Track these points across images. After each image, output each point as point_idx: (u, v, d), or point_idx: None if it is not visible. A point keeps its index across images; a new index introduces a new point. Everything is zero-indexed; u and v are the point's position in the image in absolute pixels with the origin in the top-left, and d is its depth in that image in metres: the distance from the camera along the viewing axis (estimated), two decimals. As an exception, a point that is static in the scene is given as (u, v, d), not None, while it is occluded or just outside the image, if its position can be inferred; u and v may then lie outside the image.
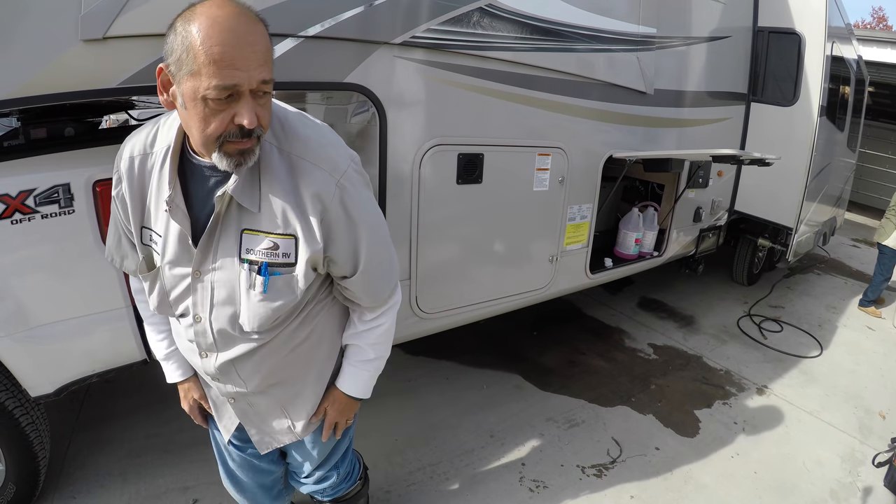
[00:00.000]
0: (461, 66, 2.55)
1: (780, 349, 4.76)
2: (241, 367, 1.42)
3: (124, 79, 1.80)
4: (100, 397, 3.25)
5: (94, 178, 2.01)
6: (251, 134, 1.10)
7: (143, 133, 1.31)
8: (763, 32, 4.77)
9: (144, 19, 1.77)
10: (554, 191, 3.11)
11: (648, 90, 3.46)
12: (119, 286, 2.13)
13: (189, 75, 1.03)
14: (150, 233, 1.34)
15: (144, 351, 2.26)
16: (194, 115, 1.08)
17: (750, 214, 5.19)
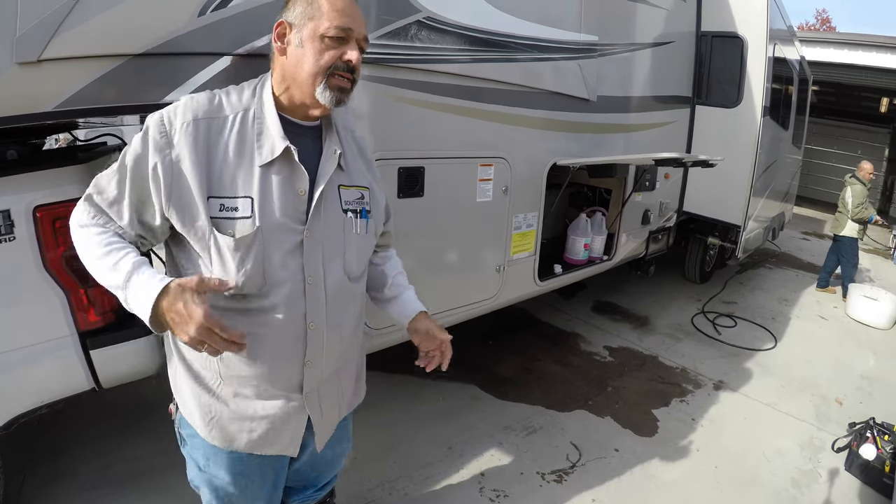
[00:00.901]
0: (400, 79, 2.51)
1: (735, 344, 4.87)
2: (343, 324, 1.50)
3: (61, 101, 1.75)
4: (52, 429, 3.09)
5: (34, 203, 1.95)
6: (352, 72, 1.32)
7: (202, 98, 1.31)
8: (706, 37, 4.87)
9: (80, 41, 1.73)
10: (498, 201, 3.09)
11: (591, 97, 3.47)
12: (63, 314, 2.06)
13: (312, 19, 1.29)
14: (223, 201, 1.25)
15: (93, 379, 2.18)
16: (311, 50, 1.29)
17: (698, 214, 5.29)
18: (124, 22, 1.82)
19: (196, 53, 1.99)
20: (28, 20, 1.67)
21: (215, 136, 1.27)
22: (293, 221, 1.32)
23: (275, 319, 1.34)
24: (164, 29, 1.89)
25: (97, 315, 2.13)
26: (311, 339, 1.40)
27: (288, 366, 1.41)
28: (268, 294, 1.32)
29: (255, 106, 1.33)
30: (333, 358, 1.50)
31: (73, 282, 2.06)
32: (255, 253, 1.27)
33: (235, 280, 1.27)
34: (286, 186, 1.31)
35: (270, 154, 1.28)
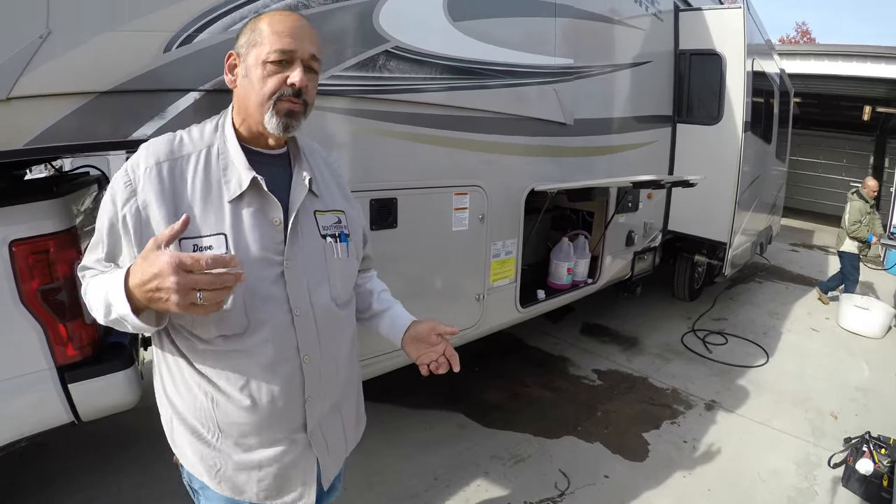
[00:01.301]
0: (370, 110, 2.49)
1: (726, 361, 4.84)
2: (338, 354, 1.47)
3: (32, 138, 1.79)
4: (39, 461, 3.08)
5: (10, 237, 1.97)
6: (300, 95, 1.27)
7: (162, 142, 1.29)
8: (685, 55, 4.90)
9: (48, 79, 1.78)
10: (475, 229, 3.06)
11: (568, 121, 3.45)
12: (40, 348, 2.07)
13: (255, 46, 1.27)
14: (195, 241, 1.22)
15: (72, 413, 2.18)
16: (255, 78, 1.27)
17: (684, 233, 5.28)
18: (92, 60, 1.86)
19: (163, 90, 2.01)
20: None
21: (179, 176, 1.25)
22: (271, 253, 1.29)
23: (266, 358, 1.30)
24: (130, 66, 1.92)
25: (75, 349, 2.13)
26: (308, 373, 1.35)
27: (288, 405, 1.35)
28: (254, 332, 1.28)
29: (219, 141, 1.32)
30: (333, 390, 1.47)
31: (50, 316, 2.07)
32: (234, 290, 1.20)
33: (216, 321, 1.23)
34: (259, 218, 1.28)
35: (238, 187, 1.26)
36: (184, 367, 1.33)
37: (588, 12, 3.61)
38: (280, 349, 1.31)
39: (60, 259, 2.08)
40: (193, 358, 1.31)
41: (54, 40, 1.80)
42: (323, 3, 2.30)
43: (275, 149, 1.39)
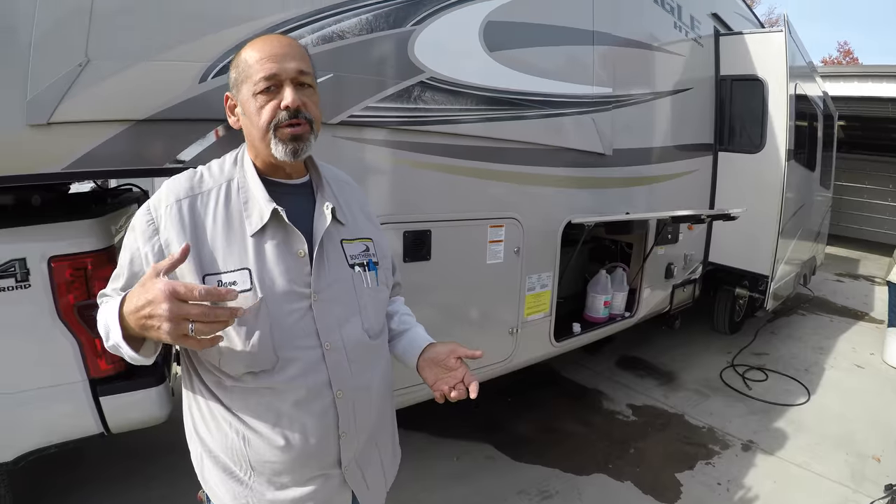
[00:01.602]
0: (405, 142, 2.48)
1: (765, 399, 4.64)
2: (372, 386, 1.42)
3: (70, 162, 1.89)
4: (66, 468, 3.14)
5: (49, 253, 2.08)
6: (298, 115, 1.24)
7: (182, 179, 1.30)
8: (726, 81, 4.82)
9: (87, 106, 1.86)
10: (509, 262, 3.01)
11: (607, 151, 3.39)
12: (75, 360, 2.17)
13: (244, 82, 1.25)
14: (220, 277, 1.21)
15: (101, 424, 2.26)
16: (251, 113, 1.25)
17: (725, 265, 5.14)
18: (129, 88, 1.93)
19: (198, 119, 2.05)
20: (38, 84, 1.80)
21: (200, 212, 1.25)
22: (299, 286, 1.26)
23: (297, 395, 1.26)
24: (167, 95, 1.98)
25: (108, 364, 2.22)
26: (341, 407, 1.31)
27: (321, 441, 1.31)
28: (284, 368, 1.25)
29: (238, 175, 1.31)
30: (368, 424, 1.42)
31: (86, 331, 2.16)
32: (260, 325, 1.21)
33: (244, 358, 1.21)
34: (283, 251, 1.26)
35: (260, 220, 1.24)
36: (213, 404, 1.30)
37: (627, 39, 3.57)
38: (311, 385, 1.27)
39: (98, 276, 2.17)
40: (222, 395, 1.29)
41: (93, 69, 1.88)
42: (358, 35, 2.31)
43: (295, 178, 1.38)
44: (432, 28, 2.49)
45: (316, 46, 2.20)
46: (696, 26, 4.44)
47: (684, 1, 4.22)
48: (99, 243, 2.20)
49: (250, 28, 2.10)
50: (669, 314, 4.91)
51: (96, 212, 2.30)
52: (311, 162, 1.43)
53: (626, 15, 3.56)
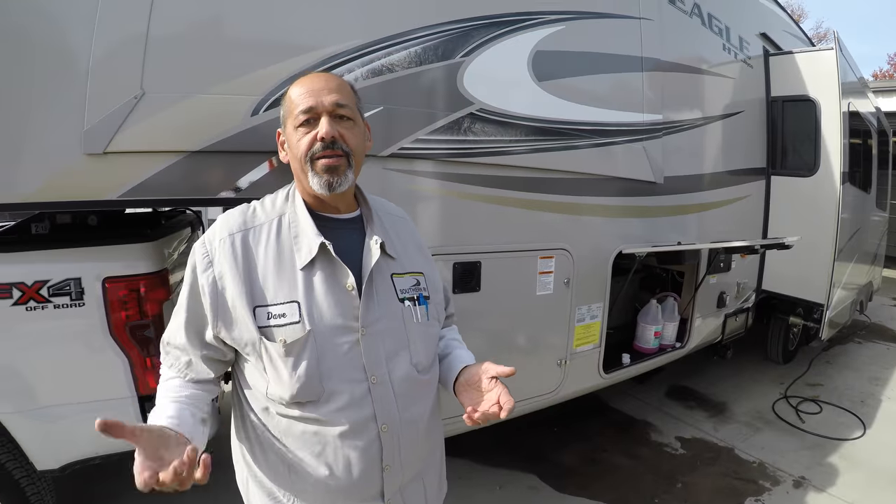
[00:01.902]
0: (454, 174, 2.50)
1: (819, 433, 4.44)
2: (419, 421, 1.41)
3: (124, 191, 1.99)
4: (110, 475, 3.14)
5: (104, 274, 2.19)
6: (333, 145, 1.28)
7: (236, 213, 1.37)
8: (777, 102, 4.71)
9: (142, 137, 1.96)
10: (559, 293, 2.98)
11: (658, 179, 3.34)
12: (124, 377, 2.29)
13: (288, 117, 1.34)
14: (270, 309, 1.26)
15: None
16: (292, 146, 1.32)
17: (779, 293, 5.00)
18: (183, 120, 2.02)
19: (250, 152, 2.11)
20: (95, 115, 1.90)
21: (253, 246, 1.31)
22: (347, 319, 1.29)
23: (342, 427, 1.28)
24: (219, 128, 2.06)
25: (157, 382, 2.19)
26: (386, 441, 1.32)
27: (364, 474, 1.32)
28: (329, 400, 1.27)
29: (290, 210, 1.36)
30: (415, 459, 1.43)
31: (136, 349, 2.28)
32: (308, 357, 1.24)
33: (290, 388, 1.25)
34: (332, 284, 1.28)
35: (309, 254, 1.29)
36: (260, 429, 1.34)
37: (675, 64, 3.54)
38: (356, 418, 1.29)
39: (150, 298, 2.29)
40: (269, 423, 1.32)
41: (148, 101, 1.97)
42: (407, 67, 2.33)
43: (345, 213, 1.41)
44: (481, 59, 2.51)
45: (366, 80, 2.24)
46: (745, 47, 4.37)
47: (732, 22, 4.16)
48: (152, 266, 2.31)
49: (300, 62, 2.15)
50: (721, 344, 4.78)
51: (151, 235, 2.40)
52: (361, 196, 1.47)
53: (674, 39, 3.52)
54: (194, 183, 2.10)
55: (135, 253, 2.30)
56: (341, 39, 2.22)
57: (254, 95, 2.10)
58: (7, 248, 2.22)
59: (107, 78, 1.94)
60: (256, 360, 1.29)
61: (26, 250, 2.21)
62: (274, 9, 2.15)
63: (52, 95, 1.92)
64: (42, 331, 2.18)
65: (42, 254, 2.20)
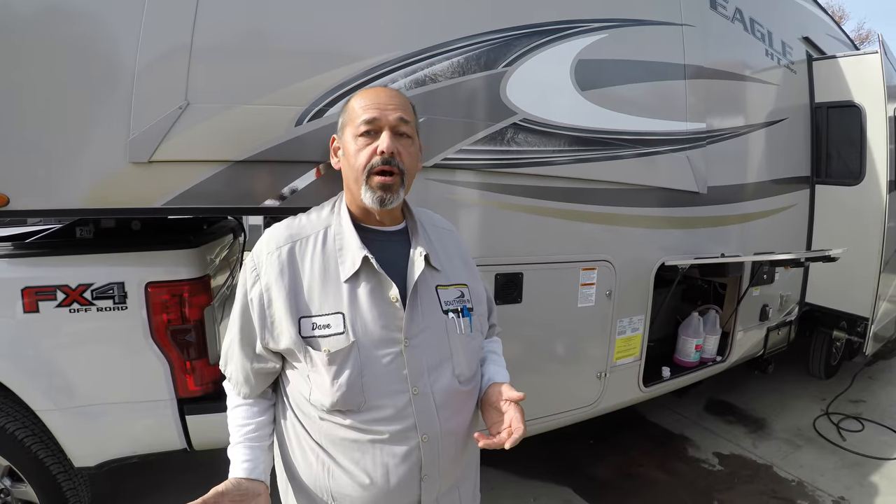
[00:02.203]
0: (497, 184, 2.51)
1: (860, 452, 4.34)
2: (459, 431, 1.43)
3: (168, 199, 2.06)
4: (142, 471, 3.29)
5: (147, 279, 2.28)
6: (391, 162, 1.31)
7: (282, 227, 1.41)
8: (821, 109, 4.63)
9: (187, 146, 2.02)
10: (601, 305, 2.97)
11: (702, 189, 3.31)
12: (165, 379, 2.37)
13: (347, 125, 1.37)
14: (314, 320, 1.30)
15: (185, 441, 2.46)
16: (349, 155, 1.35)
17: (822, 306, 4.90)
18: (227, 131, 2.07)
19: (294, 161, 2.15)
20: (140, 124, 1.96)
21: (299, 258, 1.34)
22: (391, 331, 1.31)
23: (382, 434, 1.31)
24: (263, 138, 2.10)
25: (197, 385, 2.42)
26: (426, 451, 1.33)
27: (403, 482, 1.34)
28: (371, 409, 1.30)
29: (335, 222, 1.40)
30: (453, 469, 1.45)
31: (177, 353, 2.36)
32: (350, 367, 1.27)
33: (332, 396, 1.28)
34: (377, 296, 1.31)
35: (352, 266, 1.32)
36: (302, 435, 1.38)
37: (718, 71, 3.50)
38: (397, 428, 1.31)
39: (192, 303, 2.36)
40: (311, 428, 1.36)
41: (192, 111, 2.01)
42: (450, 77, 2.35)
43: (389, 225, 1.44)
44: (524, 69, 2.53)
45: (410, 90, 2.27)
46: (788, 52, 4.30)
47: (774, 26, 4.10)
48: (195, 272, 2.39)
49: (344, 73, 2.19)
50: (763, 358, 4.71)
51: (194, 242, 2.46)
52: (406, 209, 1.50)
53: (717, 45, 3.49)
54: (239, 192, 2.15)
55: (178, 259, 2.37)
56: (385, 49, 2.25)
57: (298, 106, 2.14)
58: (52, 252, 2.32)
59: (152, 88, 2.00)
60: (301, 367, 1.33)
61: (71, 254, 2.29)
62: (318, 19, 2.19)
63: (98, 105, 1.99)
64: (84, 332, 2.26)
65: (86, 258, 2.29)
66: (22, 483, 2.47)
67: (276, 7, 2.13)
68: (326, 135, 2.09)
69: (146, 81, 1.99)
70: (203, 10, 2.02)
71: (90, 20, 1.99)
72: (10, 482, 2.49)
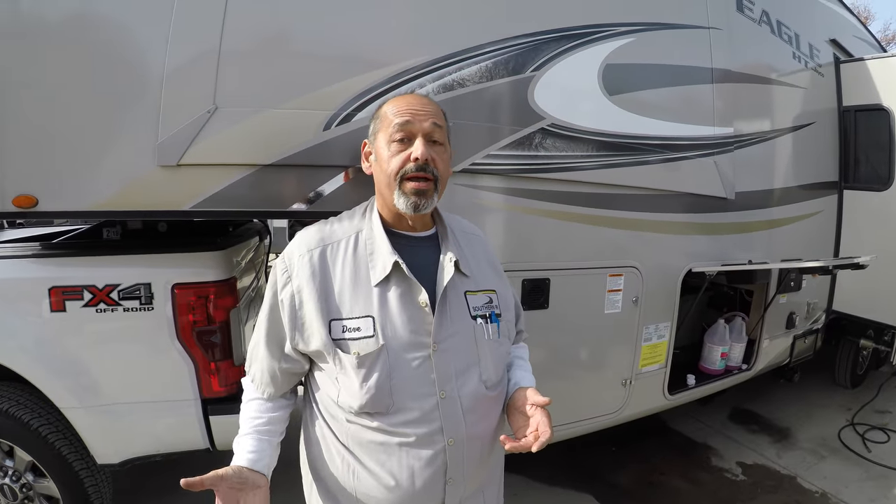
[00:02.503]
0: (526, 189, 2.54)
1: (886, 464, 4.29)
2: (485, 436, 1.44)
3: (197, 202, 2.10)
4: (165, 469, 3.28)
5: (173, 281, 2.32)
6: (425, 168, 1.33)
7: (313, 230, 1.44)
8: (849, 112, 4.59)
9: (215, 150, 2.06)
10: (627, 312, 2.97)
11: (729, 195, 3.30)
12: (189, 380, 2.41)
13: (380, 131, 1.40)
14: (345, 323, 1.33)
15: (208, 441, 2.50)
16: (382, 160, 1.37)
17: (849, 314, 4.86)
18: (255, 135, 2.10)
19: (322, 166, 2.18)
20: (168, 128, 1.99)
21: (330, 262, 1.37)
22: (420, 335, 1.33)
23: (408, 437, 1.32)
24: (292, 142, 2.13)
25: (221, 385, 2.46)
26: (451, 455, 1.35)
27: (428, 486, 1.36)
28: (398, 412, 1.32)
29: (366, 227, 1.42)
30: (478, 473, 1.46)
31: (202, 354, 2.40)
32: (379, 370, 1.29)
33: (360, 399, 1.30)
34: (406, 301, 1.33)
35: (383, 271, 1.34)
36: (329, 437, 1.40)
37: (745, 74, 3.49)
38: (424, 431, 1.33)
39: (218, 305, 2.40)
40: (338, 431, 1.38)
41: (221, 116, 2.03)
42: (478, 82, 2.36)
43: (420, 231, 1.46)
44: (551, 73, 2.54)
45: (437, 95, 2.29)
46: (816, 55, 4.27)
47: (802, 28, 4.08)
48: (221, 274, 2.43)
49: (373, 78, 2.21)
50: (789, 367, 4.67)
51: (220, 244, 2.51)
52: (437, 214, 1.52)
53: (744, 49, 3.48)
54: (266, 195, 2.18)
55: (205, 261, 2.42)
56: (413, 55, 2.28)
57: (326, 110, 2.17)
58: (79, 252, 2.39)
59: (180, 92, 2.04)
60: (330, 369, 1.35)
61: (98, 255, 2.35)
62: (345, 25, 2.22)
63: (127, 109, 2.04)
64: (110, 332, 2.32)
65: (114, 259, 2.35)
66: (44, 478, 2.53)
67: (304, 11, 2.17)
68: (355, 139, 2.14)
69: (175, 86, 2.03)
70: (231, 15, 2.06)
71: (118, 25, 2.04)
72: (32, 477, 2.54)
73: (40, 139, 2.02)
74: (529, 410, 1.39)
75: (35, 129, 2.02)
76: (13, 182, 2.03)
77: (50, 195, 2.06)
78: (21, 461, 2.51)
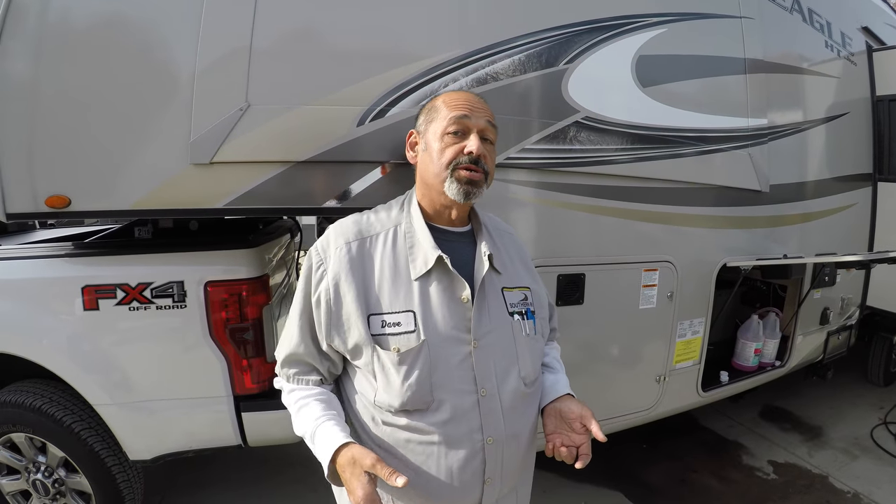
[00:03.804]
0: (561, 183, 2.58)
1: None
2: (522, 434, 1.47)
3: (229, 200, 2.16)
4: (199, 464, 3.49)
5: (206, 278, 2.40)
6: (477, 163, 1.38)
7: (349, 222, 1.47)
8: (883, 102, 4.58)
9: (248, 148, 2.11)
10: (662, 307, 3.01)
11: (764, 188, 3.33)
12: (222, 377, 2.49)
13: (433, 121, 1.45)
14: (384, 318, 1.35)
15: (240, 437, 2.58)
16: (433, 151, 1.42)
17: (883, 310, 4.87)
18: (288, 132, 2.14)
19: (356, 161, 2.22)
20: (201, 127, 2.05)
21: (368, 255, 1.40)
22: (460, 331, 1.37)
23: (447, 436, 1.35)
24: (325, 138, 2.17)
25: (253, 382, 2.54)
26: (490, 454, 1.39)
27: (465, 485, 1.39)
28: (437, 409, 1.34)
29: (405, 221, 1.46)
30: (514, 472, 1.49)
31: (235, 351, 2.48)
32: (420, 367, 1.32)
33: (401, 397, 1.32)
34: (447, 296, 1.37)
35: (424, 266, 1.36)
36: (363, 438, 1.42)
37: (778, 64, 3.51)
38: (463, 429, 1.36)
39: (251, 302, 2.46)
40: (374, 428, 1.40)
41: (253, 113, 2.08)
42: (511, 76, 2.40)
43: (458, 226, 1.50)
44: (585, 66, 2.58)
45: (472, 89, 2.33)
46: (848, 43, 4.28)
47: (833, 16, 4.09)
48: (254, 271, 2.49)
49: (406, 73, 2.26)
50: (822, 364, 4.68)
51: (252, 241, 2.57)
52: (473, 211, 1.56)
53: (776, 38, 3.51)
54: (300, 192, 2.24)
55: (237, 258, 2.48)
56: (445, 49, 2.33)
57: (359, 106, 2.22)
58: (111, 251, 2.45)
59: (211, 90, 2.11)
60: (366, 368, 1.37)
61: (130, 253, 2.42)
62: (378, 19, 2.27)
63: (159, 108, 2.11)
64: (143, 329, 2.41)
65: (146, 257, 2.43)
66: (77, 474, 2.62)
67: (335, 6, 2.23)
68: (389, 134, 2.19)
69: (206, 84, 2.10)
70: (261, 12, 2.13)
71: (150, 26, 2.11)
72: (64, 473, 2.64)
73: (73, 140, 2.10)
74: (578, 427, 1.42)
75: (67, 129, 2.09)
76: (46, 182, 2.11)
77: (83, 195, 2.14)
78: (54, 457, 2.60)
